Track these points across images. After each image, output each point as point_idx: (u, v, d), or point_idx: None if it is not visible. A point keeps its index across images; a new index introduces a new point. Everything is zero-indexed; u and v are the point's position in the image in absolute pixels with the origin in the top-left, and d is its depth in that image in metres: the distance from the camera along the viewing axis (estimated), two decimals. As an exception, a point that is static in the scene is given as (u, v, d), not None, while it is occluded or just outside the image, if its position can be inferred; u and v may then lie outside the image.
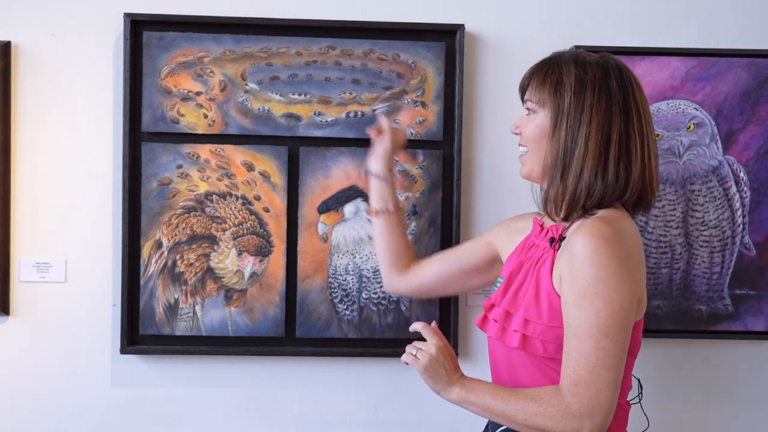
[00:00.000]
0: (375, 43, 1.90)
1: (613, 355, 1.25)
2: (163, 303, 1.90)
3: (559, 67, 1.36)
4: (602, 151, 1.31)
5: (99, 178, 1.91)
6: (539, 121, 1.37)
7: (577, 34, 1.94)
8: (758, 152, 1.93)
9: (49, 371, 1.93)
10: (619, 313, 1.24)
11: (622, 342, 1.26)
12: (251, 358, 1.95)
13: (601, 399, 1.25)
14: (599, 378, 1.24)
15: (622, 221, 1.32)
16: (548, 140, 1.35)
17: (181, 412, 1.95)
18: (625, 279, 1.25)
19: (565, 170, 1.33)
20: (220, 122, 1.89)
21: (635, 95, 1.34)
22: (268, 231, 1.90)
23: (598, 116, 1.31)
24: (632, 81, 1.36)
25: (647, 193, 1.35)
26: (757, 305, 1.95)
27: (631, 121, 1.32)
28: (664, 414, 2.00)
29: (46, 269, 1.91)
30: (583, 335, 1.25)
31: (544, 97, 1.36)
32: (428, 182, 1.92)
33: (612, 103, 1.32)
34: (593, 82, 1.33)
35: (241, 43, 1.88)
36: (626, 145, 1.32)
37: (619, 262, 1.25)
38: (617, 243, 1.26)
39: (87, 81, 1.90)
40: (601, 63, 1.35)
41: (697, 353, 2.00)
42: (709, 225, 1.93)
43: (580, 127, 1.31)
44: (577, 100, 1.32)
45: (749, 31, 1.96)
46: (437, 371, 1.39)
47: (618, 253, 1.25)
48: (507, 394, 1.33)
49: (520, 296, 1.38)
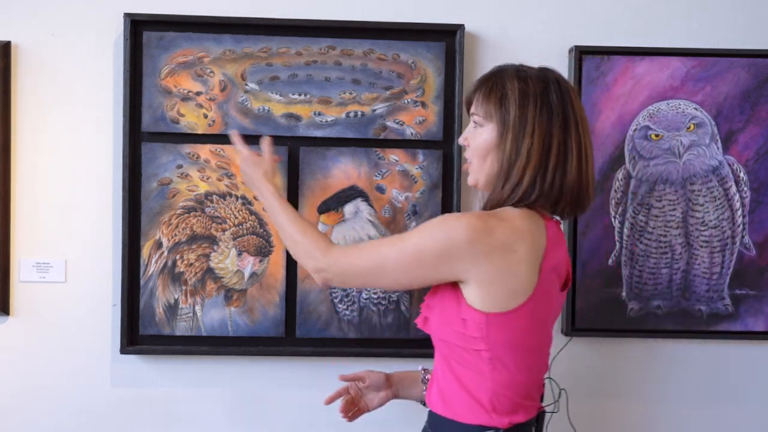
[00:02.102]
0: (375, 43, 1.90)
1: (382, 258, 1.37)
2: (163, 303, 1.90)
3: (502, 82, 1.41)
4: (542, 162, 1.37)
5: (99, 178, 1.91)
6: (486, 135, 1.42)
7: (577, 34, 1.94)
8: (758, 152, 1.93)
9: (49, 371, 1.93)
10: (414, 245, 1.35)
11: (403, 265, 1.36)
12: (251, 358, 1.95)
13: (343, 265, 1.42)
14: (355, 252, 1.41)
15: (506, 211, 1.37)
16: (494, 152, 1.41)
17: (181, 412, 1.95)
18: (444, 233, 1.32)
19: (507, 180, 1.39)
20: (220, 122, 1.89)
21: (573, 105, 1.40)
22: (268, 231, 1.90)
23: (540, 128, 1.37)
24: (570, 92, 1.41)
25: (583, 198, 1.41)
26: (757, 305, 1.95)
27: (569, 131, 1.38)
28: (664, 414, 2.00)
29: (46, 269, 1.91)
30: (388, 238, 1.43)
31: (490, 111, 1.41)
32: (428, 182, 1.92)
33: (552, 116, 1.37)
34: (535, 95, 1.38)
35: (241, 43, 1.88)
36: (564, 155, 1.37)
37: (454, 220, 1.33)
38: (471, 215, 1.34)
39: (87, 81, 1.90)
40: (542, 77, 1.41)
41: (697, 353, 2.00)
42: (709, 225, 1.93)
43: (523, 139, 1.37)
44: (522, 113, 1.38)
45: (749, 31, 1.96)
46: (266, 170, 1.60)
47: (460, 220, 1.33)
48: (299, 218, 1.52)
49: None
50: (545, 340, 1.43)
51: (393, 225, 1.92)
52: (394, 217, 1.92)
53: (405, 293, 1.92)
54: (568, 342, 1.94)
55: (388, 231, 1.91)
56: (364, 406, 1.71)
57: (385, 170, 1.91)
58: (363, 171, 1.91)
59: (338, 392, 1.70)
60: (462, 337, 1.36)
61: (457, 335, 1.36)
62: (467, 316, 1.34)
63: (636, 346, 1.98)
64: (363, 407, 1.71)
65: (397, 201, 1.92)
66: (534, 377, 1.41)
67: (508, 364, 1.36)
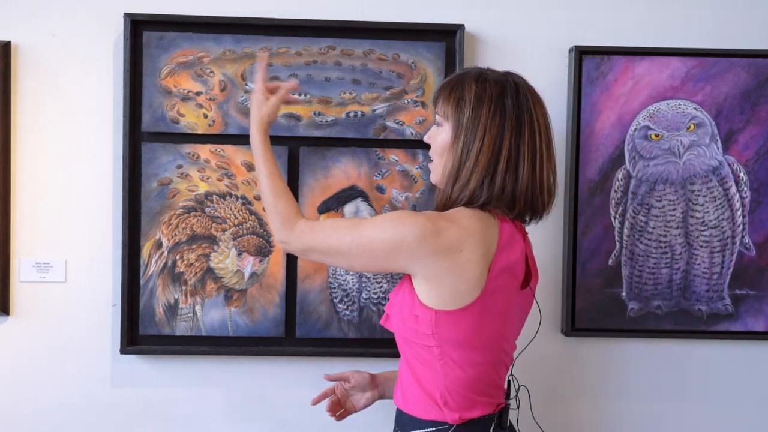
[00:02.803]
0: (375, 43, 1.90)
1: (340, 242, 1.41)
2: (163, 303, 1.90)
3: (462, 84, 1.43)
4: (491, 165, 1.38)
5: (99, 178, 1.91)
6: (443, 135, 1.45)
7: (577, 34, 1.94)
8: (758, 152, 1.93)
9: (49, 371, 1.93)
10: (368, 236, 1.38)
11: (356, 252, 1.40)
12: (251, 358, 1.95)
13: (306, 241, 1.46)
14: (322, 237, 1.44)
15: (458, 212, 1.39)
16: (449, 152, 1.43)
17: (181, 412, 1.95)
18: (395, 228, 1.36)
19: (456, 179, 1.41)
20: (220, 122, 1.89)
21: (531, 111, 1.41)
22: (268, 231, 1.90)
23: (491, 132, 1.38)
24: (529, 97, 1.42)
25: (537, 203, 1.42)
26: (757, 305, 1.95)
27: (523, 136, 1.39)
28: (664, 414, 2.00)
29: (46, 269, 1.91)
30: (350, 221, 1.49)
31: (448, 112, 1.44)
32: (428, 182, 1.92)
33: (505, 120, 1.39)
34: (490, 99, 1.40)
35: (241, 43, 1.88)
36: (515, 160, 1.39)
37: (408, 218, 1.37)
38: (423, 215, 1.37)
39: (87, 81, 1.90)
40: (501, 80, 1.42)
41: (697, 353, 2.00)
42: (709, 225, 1.93)
43: (474, 141, 1.39)
44: (475, 115, 1.40)
45: (749, 31, 1.96)
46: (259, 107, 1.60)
47: (412, 218, 1.36)
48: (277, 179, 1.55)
49: None
50: (500, 339, 1.43)
51: (393, 225, 1.91)
52: (394, 217, 1.91)
53: (405, 293, 1.92)
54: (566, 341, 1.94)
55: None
56: (351, 407, 1.73)
57: (385, 170, 1.91)
58: (363, 171, 1.91)
59: (324, 393, 1.73)
60: (416, 333, 1.39)
61: (412, 331, 1.40)
62: (419, 312, 1.38)
63: (636, 346, 1.98)
64: (350, 407, 1.73)
65: (397, 201, 1.92)
66: (487, 374, 1.42)
67: (457, 360, 1.39)
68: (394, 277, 1.92)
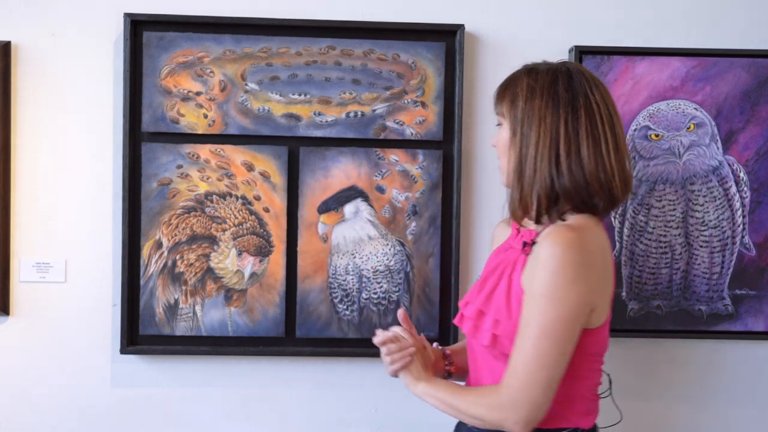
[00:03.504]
0: (375, 43, 1.90)
1: (548, 355, 1.30)
2: (163, 303, 1.90)
3: (515, 80, 1.43)
4: (552, 152, 1.36)
5: (99, 178, 1.91)
6: (503, 134, 1.45)
7: (577, 35, 1.94)
8: (758, 152, 1.93)
9: (49, 371, 1.93)
10: (562, 318, 1.30)
11: (563, 345, 1.31)
12: (251, 358, 1.95)
13: (528, 394, 1.31)
14: (530, 374, 1.31)
15: (589, 229, 1.36)
16: (511, 149, 1.42)
17: (181, 412, 1.95)
18: (577, 287, 1.30)
19: (521, 175, 1.39)
20: (220, 122, 1.89)
21: (587, 95, 1.38)
22: (268, 231, 1.90)
23: (546, 120, 1.36)
24: (584, 82, 1.39)
25: (614, 189, 1.38)
26: (757, 305, 1.95)
27: (580, 120, 1.36)
28: (664, 414, 2.00)
29: (46, 269, 1.91)
30: (527, 334, 1.32)
31: (504, 110, 1.44)
32: (428, 182, 1.92)
33: (558, 106, 1.36)
34: (542, 88, 1.38)
35: (241, 43, 1.88)
36: (576, 144, 1.35)
37: (575, 269, 1.30)
38: (578, 251, 1.30)
39: (87, 81, 1.90)
40: (552, 69, 1.41)
41: (697, 353, 1.99)
42: (709, 225, 1.93)
43: (531, 132, 1.37)
44: (529, 107, 1.38)
45: (749, 31, 1.96)
46: (409, 370, 1.50)
47: (575, 261, 1.30)
48: (459, 389, 1.44)
49: (494, 297, 1.44)
50: None
51: (393, 225, 1.91)
52: (394, 217, 1.92)
53: (405, 293, 1.92)
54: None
55: (388, 231, 1.91)
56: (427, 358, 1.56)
57: (385, 170, 1.91)
58: (363, 171, 1.91)
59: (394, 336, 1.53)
60: None
61: None
62: None
63: (636, 346, 1.98)
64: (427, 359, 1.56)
65: (397, 201, 1.92)
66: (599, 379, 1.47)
67: (587, 369, 1.41)
68: (394, 277, 1.92)
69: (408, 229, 1.92)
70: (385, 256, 1.91)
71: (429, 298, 1.92)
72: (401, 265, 1.92)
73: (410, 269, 1.92)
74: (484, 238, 1.96)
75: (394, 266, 1.92)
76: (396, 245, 1.92)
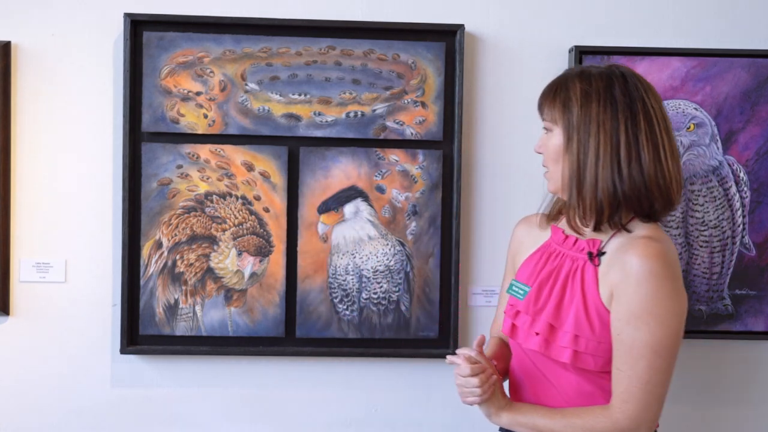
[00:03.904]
0: (375, 43, 1.90)
1: (663, 372, 1.32)
2: (163, 303, 1.90)
3: (565, 84, 1.39)
4: (613, 159, 1.33)
5: (99, 178, 1.91)
6: (554, 140, 1.40)
7: (577, 35, 1.94)
8: (758, 152, 1.93)
9: (49, 371, 1.93)
10: (672, 333, 1.31)
11: (673, 360, 1.33)
12: (251, 358, 1.95)
13: (648, 414, 1.33)
14: (649, 395, 1.32)
15: (667, 239, 1.37)
16: (564, 156, 1.39)
17: (181, 412, 1.95)
18: (679, 299, 1.31)
19: (580, 182, 1.36)
20: (220, 122, 1.89)
21: (644, 99, 1.36)
22: (268, 231, 1.90)
23: (605, 125, 1.34)
24: (639, 86, 1.37)
25: (671, 194, 1.37)
26: (757, 305, 1.95)
27: (639, 125, 1.34)
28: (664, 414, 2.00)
29: (46, 269, 1.91)
30: (637, 354, 1.31)
31: (555, 115, 1.40)
32: (428, 182, 1.92)
33: (617, 111, 1.34)
34: (597, 93, 1.36)
35: (241, 43, 1.88)
36: (636, 150, 1.33)
37: (672, 283, 1.31)
38: (671, 263, 1.31)
39: (87, 81, 1.90)
40: (606, 73, 1.38)
41: (697, 353, 1.99)
42: (709, 225, 1.93)
43: (589, 139, 1.34)
44: (584, 112, 1.35)
45: (749, 31, 1.96)
46: (491, 402, 1.43)
47: (671, 274, 1.31)
48: (553, 413, 1.40)
49: (564, 310, 1.40)
50: None
51: (393, 225, 1.91)
52: (394, 217, 1.92)
53: (405, 293, 1.92)
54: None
55: (388, 231, 1.91)
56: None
57: (385, 170, 1.91)
58: (363, 171, 1.91)
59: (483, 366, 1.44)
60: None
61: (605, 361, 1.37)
62: None
63: (636, 346, 1.98)
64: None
65: (397, 201, 1.92)
66: None
67: None
68: (394, 277, 1.92)
69: (408, 229, 1.92)
70: (385, 256, 1.91)
71: (429, 298, 1.92)
72: (401, 265, 1.92)
73: (410, 269, 1.92)
74: (484, 238, 1.96)
75: (394, 266, 1.92)
76: (396, 245, 1.92)
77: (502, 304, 1.63)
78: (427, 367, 1.96)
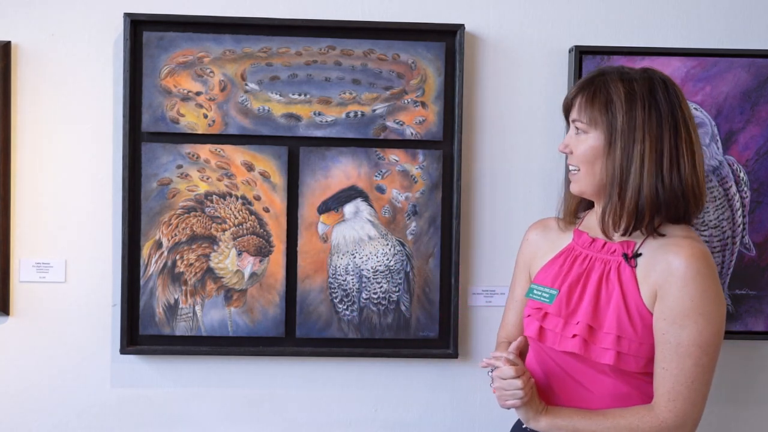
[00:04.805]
0: (375, 43, 1.90)
1: (709, 370, 1.34)
2: (163, 303, 1.90)
3: (606, 85, 1.38)
4: (658, 166, 1.34)
5: (99, 178, 1.91)
6: (591, 142, 1.39)
7: (577, 34, 1.94)
8: (758, 152, 1.93)
9: (49, 371, 1.93)
10: (718, 331, 1.33)
11: (716, 358, 1.35)
12: (251, 358, 1.95)
13: (694, 411, 1.35)
14: (696, 393, 1.34)
15: (702, 240, 1.38)
16: (603, 159, 1.38)
17: (181, 412, 1.95)
18: (722, 299, 1.33)
19: (622, 187, 1.36)
20: (220, 122, 1.89)
21: (681, 107, 1.37)
22: (268, 231, 1.90)
23: (651, 132, 1.34)
24: (677, 93, 1.38)
25: (701, 199, 1.39)
26: (757, 305, 1.95)
27: (680, 133, 1.35)
28: (664, 414, 2.00)
29: (46, 269, 1.91)
30: (684, 352, 1.32)
31: (595, 117, 1.38)
32: (428, 182, 1.92)
33: (662, 118, 1.35)
34: (642, 98, 1.35)
35: (241, 43, 1.88)
36: (676, 158, 1.35)
37: (716, 282, 1.33)
38: (713, 264, 1.33)
39: (87, 81, 1.90)
40: (647, 77, 1.38)
41: (697, 353, 1.99)
42: (709, 225, 1.93)
43: (634, 145, 1.34)
44: (629, 117, 1.35)
45: (749, 31, 1.96)
46: (530, 405, 1.41)
47: (715, 274, 1.33)
48: (593, 415, 1.39)
49: (602, 312, 1.39)
50: None
51: (393, 225, 1.91)
52: (394, 217, 1.92)
53: (405, 293, 1.92)
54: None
55: (388, 231, 1.91)
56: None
57: (385, 170, 1.91)
58: (363, 171, 1.91)
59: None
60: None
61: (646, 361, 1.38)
62: None
63: (636, 346, 1.98)
64: None
65: (397, 201, 1.92)
66: None
67: None
68: (394, 277, 1.92)
69: (408, 229, 1.92)
70: (385, 256, 1.91)
71: (429, 298, 1.92)
72: (401, 265, 1.92)
73: (410, 269, 1.92)
74: (484, 238, 1.96)
75: (394, 266, 1.92)
76: (396, 245, 1.92)
77: (512, 309, 1.62)
78: (427, 367, 1.96)
